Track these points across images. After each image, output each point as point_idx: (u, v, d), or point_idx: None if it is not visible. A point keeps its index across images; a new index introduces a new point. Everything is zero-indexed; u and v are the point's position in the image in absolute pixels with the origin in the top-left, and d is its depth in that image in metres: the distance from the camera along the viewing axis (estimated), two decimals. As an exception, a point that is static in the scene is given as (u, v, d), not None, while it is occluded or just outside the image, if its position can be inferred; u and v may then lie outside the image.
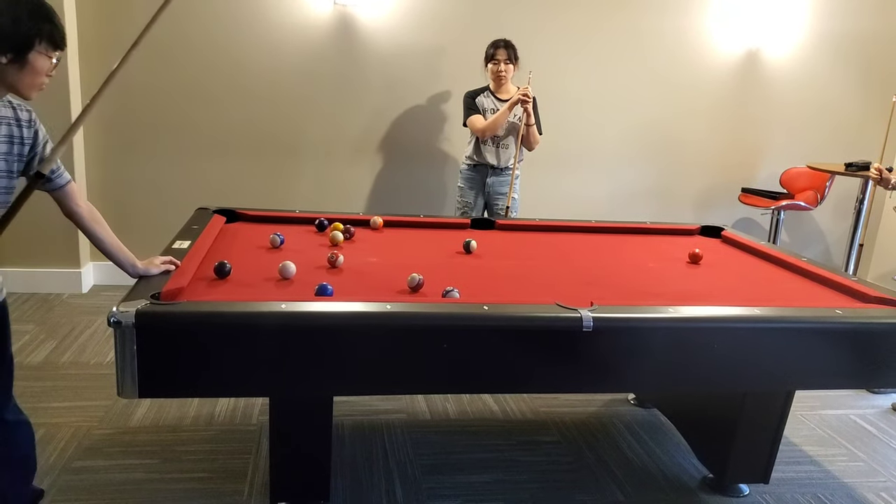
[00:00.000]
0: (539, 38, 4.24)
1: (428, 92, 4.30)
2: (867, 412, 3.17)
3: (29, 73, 1.60)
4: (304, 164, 4.26)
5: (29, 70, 1.59)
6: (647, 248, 2.78)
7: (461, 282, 2.02)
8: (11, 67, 1.57)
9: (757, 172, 4.83)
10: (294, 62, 4.11)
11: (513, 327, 1.74)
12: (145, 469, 2.36)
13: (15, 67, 1.58)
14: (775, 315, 1.89)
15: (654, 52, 4.45)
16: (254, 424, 2.71)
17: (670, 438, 2.80)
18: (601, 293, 2.00)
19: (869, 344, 1.95)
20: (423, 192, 4.43)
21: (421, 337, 1.72)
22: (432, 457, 2.56)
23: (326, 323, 1.67)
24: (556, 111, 4.13)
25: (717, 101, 4.64)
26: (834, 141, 4.79)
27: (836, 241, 5.03)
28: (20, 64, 1.58)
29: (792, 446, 2.80)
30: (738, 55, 4.56)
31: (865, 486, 2.56)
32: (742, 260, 2.68)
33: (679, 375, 1.91)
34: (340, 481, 2.35)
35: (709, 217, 4.52)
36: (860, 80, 4.74)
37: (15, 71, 1.58)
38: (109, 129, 4.00)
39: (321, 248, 2.43)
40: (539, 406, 3.01)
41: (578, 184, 4.59)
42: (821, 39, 4.62)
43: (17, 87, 1.62)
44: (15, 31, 1.55)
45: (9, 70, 1.58)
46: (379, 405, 2.93)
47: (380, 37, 4.15)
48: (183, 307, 1.65)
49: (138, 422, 2.67)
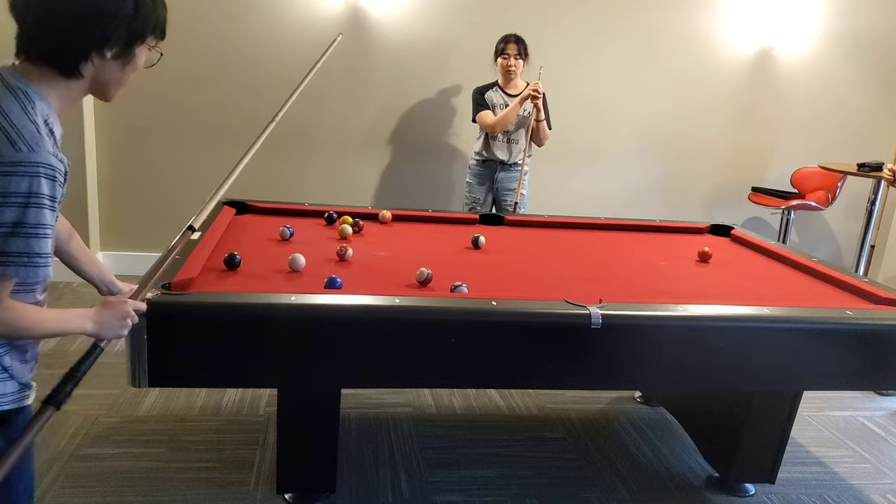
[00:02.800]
0: (549, 33, 4.22)
1: (437, 87, 4.30)
2: (875, 414, 3.16)
3: (130, 70, 1.27)
4: (313, 157, 4.27)
5: (131, 66, 1.27)
6: (657, 245, 2.77)
7: (469, 277, 2.02)
8: (114, 64, 1.23)
9: (767, 172, 4.80)
10: (305, 55, 4.08)
11: (521, 323, 1.74)
12: (153, 457, 2.38)
13: (118, 64, 1.23)
14: (784, 315, 1.88)
15: (665, 50, 4.43)
16: (261, 415, 2.72)
17: (676, 437, 2.79)
18: (610, 290, 1.99)
19: (878, 346, 1.94)
20: (432, 186, 4.43)
21: (429, 331, 1.72)
22: (438, 451, 2.57)
23: (335, 316, 1.67)
24: (566, 107, 4.12)
25: (729, 100, 4.61)
26: (846, 141, 4.76)
27: (847, 242, 5.00)
28: (125, 59, 1.24)
29: (798, 447, 2.79)
30: (750, 53, 4.53)
31: (872, 487, 2.55)
32: (751, 259, 2.66)
33: (687, 374, 1.90)
34: (346, 473, 2.36)
35: (718, 216, 4.50)
36: (873, 80, 4.70)
37: (117, 68, 1.24)
38: (120, 116, 4.00)
39: (330, 241, 2.44)
40: (545, 402, 3.02)
41: (588, 180, 4.58)
42: (834, 38, 4.58)
43: (108, 87, 1.27)
44: (134, 17, 1.21)
45: (109, 67, 1.23)
46: (385, 398, 2.94)
47: (390, 31, 4.15)
48: (193, 297, 1.65)
49: (146, 411, 2.69)
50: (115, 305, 1.30)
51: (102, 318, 1.27)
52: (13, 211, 1.08)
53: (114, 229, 4.21)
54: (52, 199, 1.13)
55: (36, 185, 1.10)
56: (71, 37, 1.17)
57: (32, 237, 1.11)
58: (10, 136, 1.10)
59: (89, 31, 1.17)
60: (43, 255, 1.14)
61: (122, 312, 1.29)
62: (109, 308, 1.29)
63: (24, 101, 1.14)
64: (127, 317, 1.30)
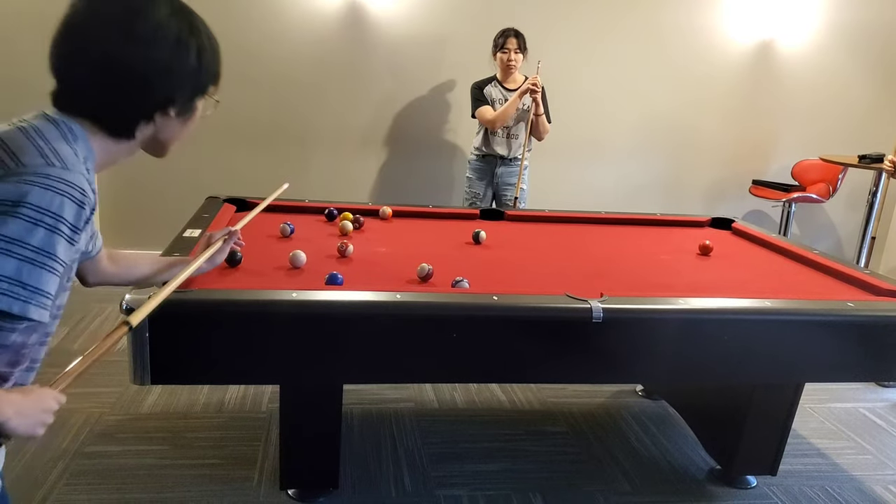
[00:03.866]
0: (548, 26, 4.21)
1: (436, 82, 4.29)
2: (876, 405, 3.16)
3: (190, 123, 1.17)
4: (313, 153, 4.27)
5: (192, 120, 1.17)
6: (657, 239, 2.77)
7: (470, 272, 2.02)
8: (176, 121, 1.13)
9: (768, 164, 4.79)
10: (303, 52, 4.10)
11: (522, 317, 1.74)
12: (156, 455, 2.39)
13: (180, 120, 1.13)
14: (786, 307, 1.89)
15: (665, 43, 4.42)
16: (263, 412, 2.73)
17: (678, 430, 2.80)
18: (611, 284, 1.99)
19: (880, 337, 1.94)
20: (432, 182, 4.42)
21: (430, 326, 1.72)
22: (440, 445, 2.58)
23: (337, 312, 1.67)
24: (565, 101, 4.11)
25: (729, 93, 4.60)
26: (847, 133, 4.75)
27: (848, 234, 5.00)
28: (187, 114, 1.14)
29: (800, 439, 2.79)
30: (751, 46, 4.52)
31: (874, 478, 2.56)
32: (752, 252, 2.66)
33: (689, 367, 1.91)
34: (349, 469, 2.37)
35: (719, 209, 4.51)
36: (874, 72, 4.68)
37: (178, 124, 1.14)
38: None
39: (331, 237, 2.44)
40: (547, 396, 3.02)
41: (588, 174, 4.57)
42: (834, 30, 4.56)
43: (167, 144, 1.17)
44: (197, 69, 1.10)
45: (170, 124, 1.12)
46: (387, 394, 2.94)
47: (388, 26, 4.14)
48: (194, 295, 1.65)
49: (149, 408, 2.70)
50: (41, 394, 0.96)
51: (23, 407, 0.92)
52: (17, 225, 0.88)
53: (114, 227, 4.21)
54: (74, 230, 0.94)
55: (58, 204, 0.91)
56: (133, 99, 1.05)
57: (33, 263, 0.90)
58: (44, 152, 0.95)
59: (154, 92, 1.06)
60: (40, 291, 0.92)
61: (46, 404, 0.96)
62: (33, 396, 0.95)
63: (66, 132, 1.01)
64: (50, 411, 0.96)
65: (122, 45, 1.01)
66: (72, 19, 1.02)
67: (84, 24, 1.02)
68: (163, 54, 1.04)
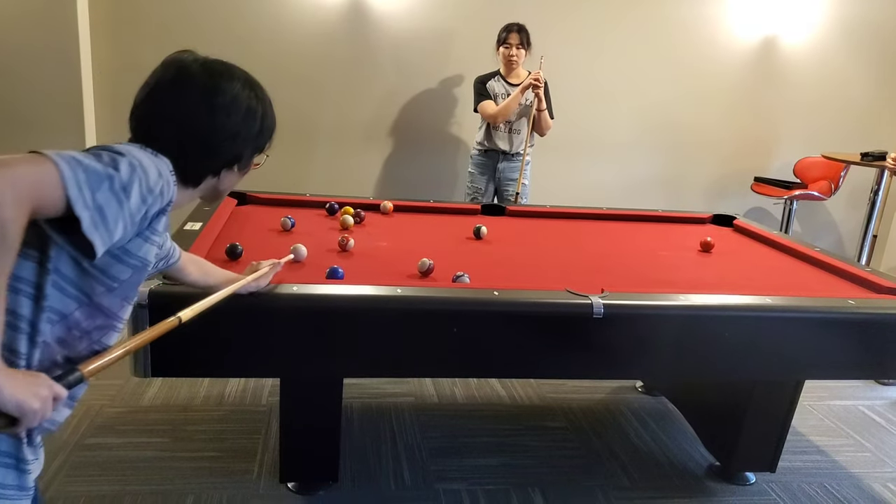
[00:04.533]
0: (552, 21, 4.20)
1: (439, 76, 4.28)
2: (875, 403, 3.16)
3: (244, 174, 1.28)
4: (315, 147, 4.26)
5: (247, 171, 1.28)
6: (659, 235, 2.77)
7: (471, 267, 2.02)
8: (236, 174, 1.25)
9: (770, 162, 4.78)
10: (306, 46, 4.09)
11: (523, 313, 1.74)
12: (156, 447, 2.39)
13: (239, 173, 1.25)
14: (787, 304, 1.89)
15: (668, 39, 4.41)
16: (263, 405, 2.73)
17: (677, 426, 2.80)
18: (612, 280, 1.99)
19: (881, 335, 1.94)
20: (434, 177, 4.42)
21: (431, 321, 1.72)
22: (440, 440, 2.58)
23: (337, 306, 1.67)
24: (568, 97, 4.10)
25: (732, 89, 4.59)
26: (849, 130, 4.74)
27: (849, 232, 4.99)
28: (245, 169, 1.26)
29: (799, 436, 2.80)
30: (754, 42, 4.51)
31: (872, 476, 2.56)
32: (754, 249, 2.66)
33: (689, 364, 1.91)
34: (349, 462, 2.38)
35: (721, 206, 4.48)
36: (877, 69, 4.67)
37: (236, 176, 1.25)
38: (121, 111, 3.99)
39: (332, 231, 2.44)
40: (546, 392, 3.02)
41: (590, 170, 4.57)
42: (838, 27, 4.55)
43: (223, 192, 1.28)
44: (260, 132, 1.24)
45: (231, 177, 1.24)
46: (387, 388, 2.95)
47: (391, 20, 4.13)
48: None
49: (150, 401, 2.70)
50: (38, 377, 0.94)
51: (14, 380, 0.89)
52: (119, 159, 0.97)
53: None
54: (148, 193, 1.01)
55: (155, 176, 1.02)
56: (206, 158, 1.17)
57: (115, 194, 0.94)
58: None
59: (225, 153, 1.19)
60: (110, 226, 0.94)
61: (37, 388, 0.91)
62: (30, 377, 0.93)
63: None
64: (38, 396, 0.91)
65: (203, 114, 1.14)
66: (157, 85, 1.15)
67: (169, 91, 1.14)
68: (236, 122, 1.17)
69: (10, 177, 0.82)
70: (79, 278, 1.02)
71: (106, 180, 0.94)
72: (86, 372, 1.00)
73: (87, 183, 0.91)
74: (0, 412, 0.88)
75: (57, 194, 0.87)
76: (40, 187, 0.86)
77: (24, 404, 0.88)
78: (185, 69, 1.16)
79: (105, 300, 1.07)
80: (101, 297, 1.06)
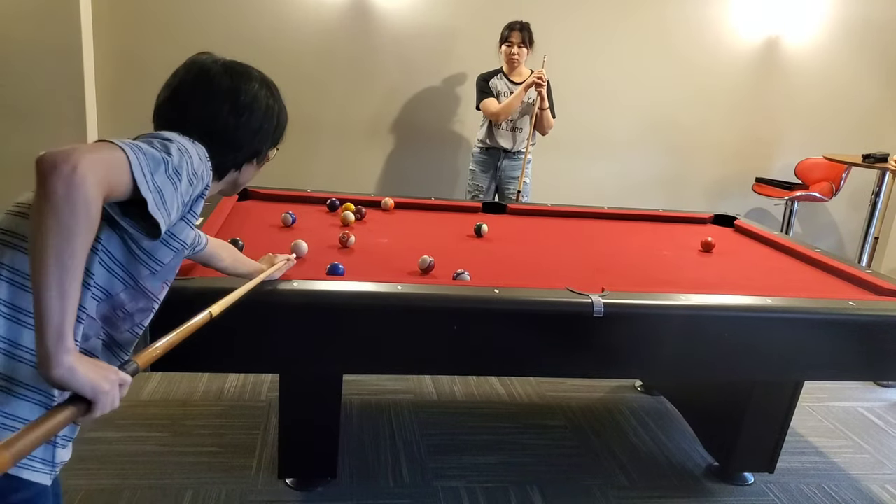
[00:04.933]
0: (555, 20, 4.19)
1: (442, 74, 4.28)
2: (875, 405, 3.16)
3: (261, 167, 1.36)
4: (316, 144, 4.26)
5: (261, 166, 1.36)
6: (660, 235, 2.76)
7: (472, 265, 2.02)
8: (254, 167, 1.33)
9: (772, 162, 4.78)
10: (308, 42, 4.09)
11: (523, 311, 1.74)
12: (155, 441, 2.40)
13: (257, 167, 1.34)
14: (787, 305, 1.88)
15: (670, 39, 4.40)
16: (263, 401, 2.73)
17: (676, 426, 2.80)
18: (612, 279, 1.99)
19: (880, 337, 1.94)
20: (435, 174, 4.42)
21: (431, 318, 1.72)
22: (439, 437, 2.58)
23: (337, 302, 1.67)
24: (570, 96, 4.10)
25: (734, 89, 4.58)
26: (851, 132, 4.73)
27: (850, 234, 4.99)
28: (262, 162, 1.34)
29: (798, 437, 2.80)
30: (756, 42, 4.50)
31: (871, 477, 2.56)
32: (754, 250, 2.66)
33: (689, 364, 1.91)
34: (347, 459, 2.38)
35: (722, 206, 4.49)
36: (880, 70, 4.67)
37: (254, 169, 1.34)
38: (123, 107, 4.00)
39: (333, 227, 2.44)
40: (546, 390, 3.03)
41: (591, 169, 4.56)
42: (841, 27, 4.54)
43: (241, 185, 1.36)
44: (277, 127, 1.31)
45: (250, 170, 1.33)
46: (386, 385, 2.95)
47: (393, 17, 4.12)
48: (196, 283, 1.65)
49: (149, 395, 2.70)
50: (107, 366, 0.97)
51: (86, 366, 0.91)
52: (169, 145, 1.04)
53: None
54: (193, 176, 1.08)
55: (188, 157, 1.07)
56: (230, 153, 1.24)
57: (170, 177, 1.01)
58: None
59: (246, 148, 1.26)
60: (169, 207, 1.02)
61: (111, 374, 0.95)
62: (101, 365, 0.96)
63: None
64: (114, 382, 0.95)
65: (227, 114, 1.20)
66: (180, 86, 1.21)
67: (193, 92, 1.20)
68: (257, 119, 1.25)
69: (92, 160, 0.88)
70: (126, 261, 1.08)
71: (162, 164, 1.00)
72: (140, 363, 1.04)
73: (149, 167, 0.98)
74: (77, 397, 0.91)
75: (126, 178, 0.94)
76: (115, 172, 0.93)
77: (98, 388, 0.92)
78: (207, 71, 1.22)
79: (149, 283, 1.14)
80: (145, 280, 1.13)
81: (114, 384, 0.94)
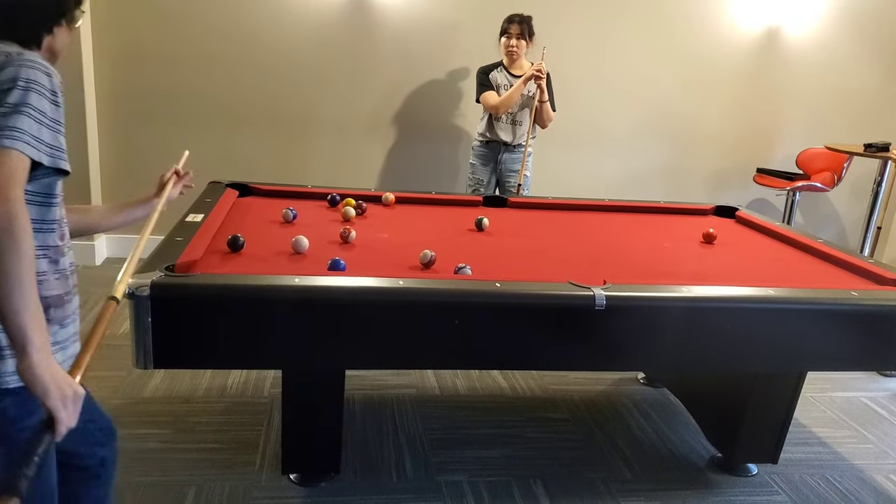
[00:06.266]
0: (555, 13, 4.17)
1: (442, 67, 4.26)
2: (878, 395, 3.16)
3: (71, 32, 1.38)
4: (316, 138, 4.25)
5: (72, 29, 1.38)
6: (661, 227, 2.76)
7: (473, 259, 2.01)
8: (65, 31, 1.35)
9: (773, 153, 4.76)
10: (309, 36, 4.07)
11: (525, 304, 1.74)
12: (158, 438, 2.40)
13: (67, 30, 1.36)
14: (789, 296, 1.88)
15: (671, 30, 4.38)
16: (265, 397, 2.74)
17: (679, 418, 2.80)
18: (614, 272, 1.99)
19: (884, 327, 1.94)
20: (436, 168, 4.41)
21: (432, 313, 1.72)
22: (441, 431, 2.58)
23: (339, 297, 1.67)
24: (570, 88, 4.08)
25: (734, 80, 4.56)
26: (853, 121, 4.71)
27: (852, 224, 4.98)
28: (71, 24, 1.36)
29: (801, 427, 2.80)
30: (756, 33, 4.48)
31: (874, 468, 2.56)
32: (756, 240, 2.65)
33: (691, 355, 1.90)
34: (351, 454, 2.38)
35: (723, 197, 4.48)
36: (881, 60, 4.64)
37: (66, 34, 1.36)
38: (122, 100, 3.99)
39: (333, 223, 2.43)
40: (548, 383, 3.03)
41: (592, 162, 4.55)
42: (841, 17, 4.52)
43: (60, 53, 1.37)
44: None
45: (63, 35, 1.35)
46: (389, 380, 2.95)
47: (394, 10, 4.11)
48: (197, 279, 1.65)
49: (152, 392, 2.71)
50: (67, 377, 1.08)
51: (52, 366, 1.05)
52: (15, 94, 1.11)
53: (117, 212, 4.20)
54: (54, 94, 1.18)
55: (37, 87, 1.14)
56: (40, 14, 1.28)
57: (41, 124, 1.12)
58: None
59: (54, 7, 1.30)
60: (57, 147, 1.16)
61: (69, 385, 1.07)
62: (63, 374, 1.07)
63: None
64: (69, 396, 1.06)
65: None
66: None
67: None
68: None
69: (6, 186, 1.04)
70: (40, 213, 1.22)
71: (36, 123, 1.12)
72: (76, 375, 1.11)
73: (35, 138, 1.11)
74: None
75: (25, 164, 1.09)
76: (20, 172, 1.08)
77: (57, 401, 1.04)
78: None
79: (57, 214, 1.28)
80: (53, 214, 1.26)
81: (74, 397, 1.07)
